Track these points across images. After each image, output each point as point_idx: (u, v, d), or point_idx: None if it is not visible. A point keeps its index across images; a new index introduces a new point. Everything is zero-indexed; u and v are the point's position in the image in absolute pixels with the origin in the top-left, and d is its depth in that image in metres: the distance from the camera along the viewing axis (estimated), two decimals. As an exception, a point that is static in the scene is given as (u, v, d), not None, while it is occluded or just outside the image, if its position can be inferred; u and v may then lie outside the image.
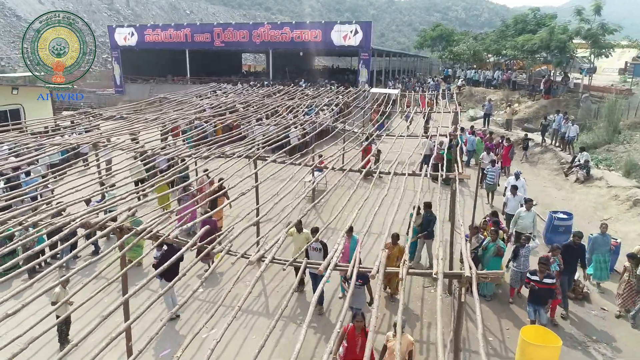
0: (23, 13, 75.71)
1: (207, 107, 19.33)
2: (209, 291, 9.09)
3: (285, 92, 24.69)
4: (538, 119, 26.78)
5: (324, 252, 7.87)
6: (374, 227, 11.08)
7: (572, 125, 18.31)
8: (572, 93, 27.80)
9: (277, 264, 5.44)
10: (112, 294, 8.69)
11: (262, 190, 11.35)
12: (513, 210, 11.04)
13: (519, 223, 10.20)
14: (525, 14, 33.14)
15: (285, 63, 41.09)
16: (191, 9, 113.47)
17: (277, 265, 5.57)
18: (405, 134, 15.15)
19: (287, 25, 32.86)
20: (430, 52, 52.38)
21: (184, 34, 34.06)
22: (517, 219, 10.24)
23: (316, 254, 7.97)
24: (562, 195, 15.32)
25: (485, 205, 13.82)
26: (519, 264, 8.56)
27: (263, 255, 5.40)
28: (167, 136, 15.17)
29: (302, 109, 19.98)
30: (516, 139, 22.07)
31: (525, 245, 8.59)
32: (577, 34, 26.12)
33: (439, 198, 8.03)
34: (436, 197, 8.08)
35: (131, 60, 36.55)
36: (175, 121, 15.29)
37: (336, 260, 5.31)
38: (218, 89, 28.72)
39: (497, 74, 32.84)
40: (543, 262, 7.60)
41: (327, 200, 14.10)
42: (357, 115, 20.10)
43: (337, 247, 5.61)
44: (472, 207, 10.16)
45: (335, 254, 5.40)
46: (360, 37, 30.33)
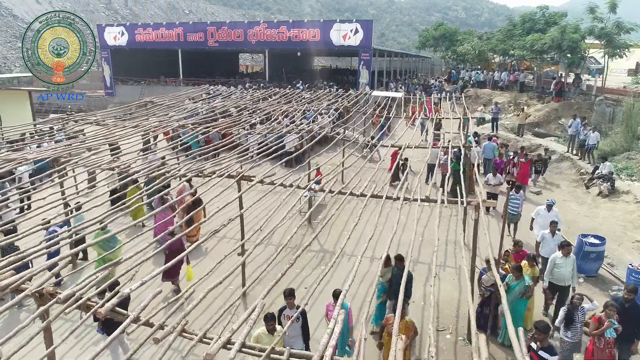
0: (20, 13, 74.83)
1: (194, 113, 17.85)
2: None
3: (281, 95, 23.20)
4: (549, 123, 25.36)
5: (303, 322, 6.20)
6: (378, 251, 9.66)
7: (592, 133, 16.81)
8: (585, 96, 26.36)
9: (248, 353, 3.94)
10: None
11: (249, 210, 9.94)
12: (551, 253, 8.61)
13: (554, 273, 8.02)
14: (534, 12, 31.69)
15: (283, 63, 39.60)
16: (190, 9, 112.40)
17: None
18: (417, 143, 13.65)
19: (284, 24, 31.37)
20: (432, 52, 50.86)
21: (176, 33, 32.56)
22: (552, 268, 8.04)
23: (293, 326, 5.82)
24: (584, 210, 13.85)
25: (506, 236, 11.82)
26: (574, 334, 6.48)
27: (229, 340, 3.89)
28: (148, 146, 13.72)
29: (299, 114, 18.55)
30: (528, 146, 20.66)
31: (580, 306, 6.51)
32: (590, 33, 24.69)
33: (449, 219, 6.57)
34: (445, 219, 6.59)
35: (122, 61, 35.05)
36: (156, 129, 13.79)
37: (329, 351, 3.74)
38: (210, 92, 27.26)
39: (504, 75, 31.35)
40: (541, 328, 5.51)
41: (325, 215, 12.66)
42: (358, 121, 18.59)
43: (330, 326, 4.10)
44: (486, 233, 8.61)
45: (328, 341, 3.86)
46: (361, 36, 28.85)
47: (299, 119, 17.97)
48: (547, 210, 10.20)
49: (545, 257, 8.78)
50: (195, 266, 9.48)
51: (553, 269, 7.97)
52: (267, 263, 5.71)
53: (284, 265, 6.25)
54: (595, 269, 10.00)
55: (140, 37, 33.65)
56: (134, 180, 9.14)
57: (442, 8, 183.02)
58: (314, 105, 19.76)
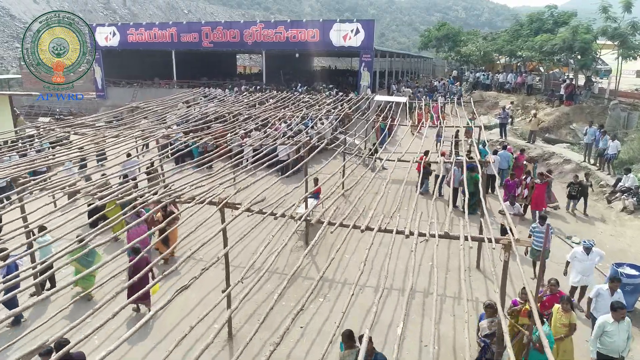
0: (17, 12, 74.12)
1: (184, 119, 16.62)
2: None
3: (277, 100, 21.93)
4: (559, 128, 24.12)
5: None
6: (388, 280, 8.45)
7: (613, 141, 15.56)
8: (597, 99, 25.13)
9: None
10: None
11: (236, 233, 8.69)
12: (604, 310, 6.75)
13: (604, 342, 6.33)
14: (541, 11, 30.42)
15: (281, 65, 38.33)
16: (189, 9, 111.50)
17: None
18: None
19: (281, 24, 30.09)
20: (435, 52, 49.58)
21: (169, 34, 31.26)
22: (600, 335, 6.34)
23: None
24: (609, 229, 12.61)
25: (529, 279, 8.79)
26: None
27: None
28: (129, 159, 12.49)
29: (296, 120, 17.34)
30: (540, 154, 19.44)
31: None
32: (603, 33, 23.45)
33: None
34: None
35: (113, 62, 33.77)
36: (139, 139, 12.55)
37: None
38: (204, 95, 26.04)
39: (511, 77, 30.10)
40: None
41: (324, 235, 11.42)
42: (360, 128, 17.34)
43: None
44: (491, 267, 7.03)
45: None
46: (362, 36, 27.58)
47: (296, 124, 16.80)
48: (585, 253, 8.47)
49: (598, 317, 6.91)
50: (173, 291, 8.24)
51: (602, 336, 6.37)
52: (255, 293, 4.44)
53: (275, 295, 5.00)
54: (632, 303, 8.75)
55: (133, 38, 32.39)
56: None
57: (442, 8, 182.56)
58: (311, 112, 18.49)
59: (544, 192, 12.20)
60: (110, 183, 10.23)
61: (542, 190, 12.12)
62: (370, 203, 8.43)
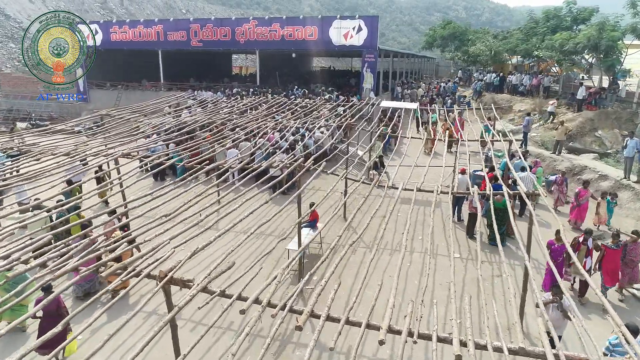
0: (12, 12, 72.07)
1: (160, 129, 14.28)
2: None
3: (270, 106, 19.52)
4: (583, 135, 21.77)
5: None
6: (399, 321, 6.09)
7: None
8: (624, 104, 22.81)
9: None
10: None
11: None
12: None
13: None
14: (559, 8, 28.08)
15: (277, 65, 35.92)
16: (187, 8, 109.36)
17: None
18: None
19: (276, 21, 27.68)
20: (440, 52, 47.18)
21: (155, 32, 28.81)
22: None
23: None
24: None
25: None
26: None
27: None
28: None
29: (291, 129, 15.07)
30: (569, 167, 17.11)
31: None
32: (632, 30, 21.19)
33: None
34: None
35: (96, 63, 31.28)
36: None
37: None
38: (192, 98, 23.72)
39: (526, 79, 27.73)
40: None
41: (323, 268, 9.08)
42: (362, 139, 15.00)
43: None
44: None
45: None
46: (365, 34, 25.21)
47: (291, 134, 14.55)
48: None
49: None
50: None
51: None
52: None
53: None
54: None
55: (116, 36, 29.97)
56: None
57: (443, 8, 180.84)
58: (308, 120, 16.13)
59: (619, 261, 7.64)
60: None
61: (616, 258, 7.59)
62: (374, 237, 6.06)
